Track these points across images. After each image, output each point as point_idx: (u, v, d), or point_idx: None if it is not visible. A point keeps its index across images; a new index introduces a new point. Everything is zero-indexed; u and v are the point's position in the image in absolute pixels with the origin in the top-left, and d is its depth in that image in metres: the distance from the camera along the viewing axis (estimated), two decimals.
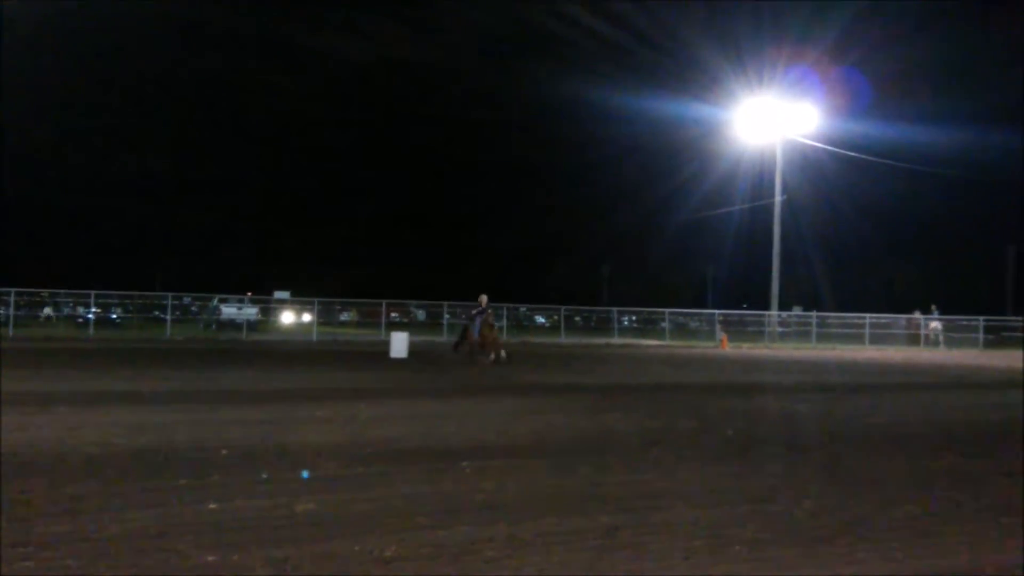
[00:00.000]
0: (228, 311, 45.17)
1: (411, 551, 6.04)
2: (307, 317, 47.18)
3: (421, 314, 52.82)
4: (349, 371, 22.74)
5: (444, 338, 42.06)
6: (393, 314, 48.34)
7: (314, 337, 40.63)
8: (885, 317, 48.43)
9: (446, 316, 45.40)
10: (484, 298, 26.02)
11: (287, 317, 50.69)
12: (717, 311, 49.71)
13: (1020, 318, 49.21)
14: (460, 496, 7.80)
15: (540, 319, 54.38)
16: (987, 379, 24.66)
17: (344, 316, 51.67)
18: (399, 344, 28.26)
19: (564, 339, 42.85)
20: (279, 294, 55.35)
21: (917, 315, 48.95)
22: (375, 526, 6.66)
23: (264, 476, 8.37)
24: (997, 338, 46.79)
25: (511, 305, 46.85)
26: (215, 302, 45.58)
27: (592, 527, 6.84)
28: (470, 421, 13.01)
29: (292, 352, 30.89)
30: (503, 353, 25.41)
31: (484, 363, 24.78)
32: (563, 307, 47.02)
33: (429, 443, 10.77)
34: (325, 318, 46.30)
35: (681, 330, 50.46)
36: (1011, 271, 76.87)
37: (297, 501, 7.38)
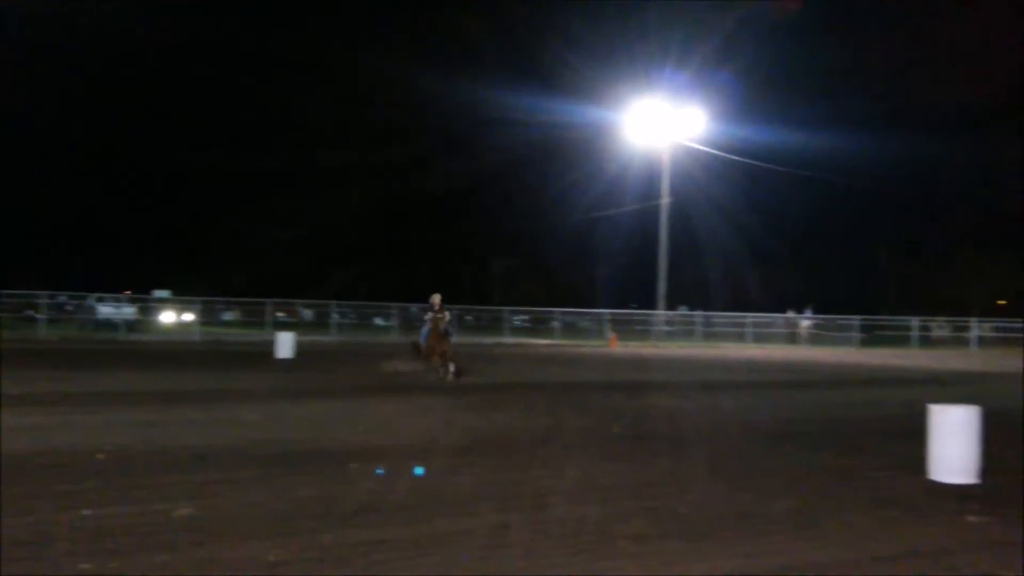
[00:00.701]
0: (105, 310, 43.45)
1: (296, 555, 5.90)
2: (188, 316, 45.75)
3: (308, 314, 51.84)
4: (233, 372, 22.17)
5: (331, 338, 41.47)
6: (279, 313, 47.41)
7: (196, 337, 39.50)
8: (766, 316, 49.98)
9: (334, 315, 44.75)
10: (437, 298, 20.50)
11: (167, 316, 49.03)
12: (606, 311, 50.40)
13: (895, 317, 51.56)
14: (348, 498, 7.68)
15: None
16: (862, 376, 25.68)
17: (227, 316, 50.36)
18: (285, 344, 27.72)
19: (455, 338, 42.74)
20: (159, 293, 53.61)
21: (791, 314, 50.78)
22: (258, 530, 6.49)
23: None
24: (872, 336, 48.86)
25: (401, 304, 46.50)
26: (91, 301, 43.77)
27: (482, 526, 6.82)
28: (358, 422, 12.86)
29: (173, 353, 29.94)
30: (452, 369, 19.63)
31: (435, 377, 19.76)
32: (455, 306, 46.98)
33: (315, 445, 10.59)
34: (207, 318, 45.01)
35: (571, 329, 50.87)
36: (885, 271, 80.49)
37: (176, 506, 7.14)
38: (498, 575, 5.67)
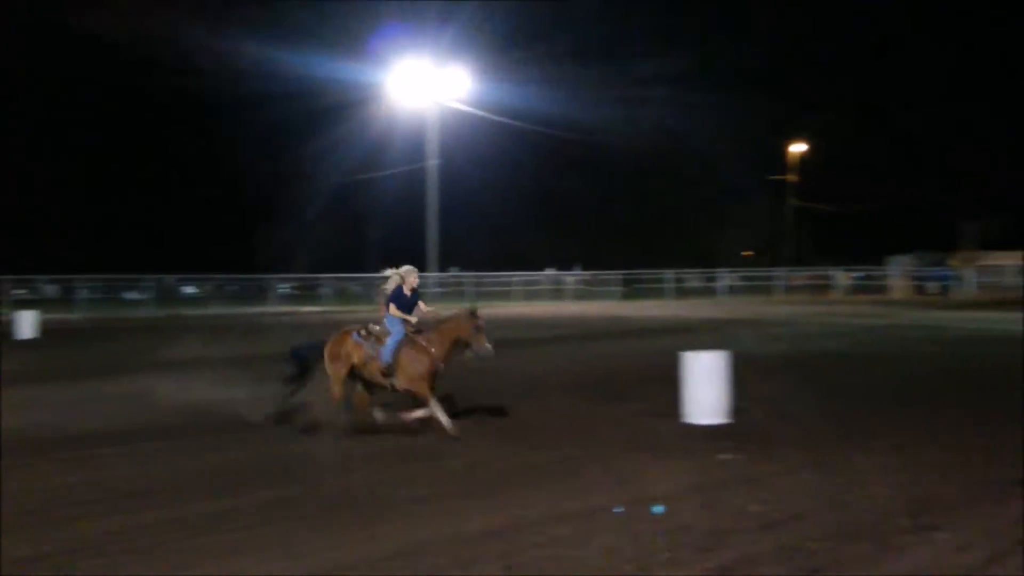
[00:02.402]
0: None
1: (51, 548, 5.52)
2: None
3: (52, 290, 47.92)
4: None
5: (77, 315, 38.62)
6: (17, 290, 43.63)
7: None
8: (533, 275, 51.52)
9: (82, 292, 41.59)
10: (414, 277, 10.22)
11: None
12: (377, 275, 49.97)
13: (651, 271, 54.50)
14: (103, 484, 7.25)
15: (189, 289, 51.30)
16: (622, 328, 26.93)
17: None
18: (26, 323, 25.62)
19: (217, 310, 41.06)
20: None
21: (552, 271, 52.73)
22: (9, 524, 6.02)
23: None
24: (631, 290, 51.48)
25: (155, 276, 44.04)
26: None
27: (250, 504, 6.66)
28: (111, 404, 12.08)
29: None
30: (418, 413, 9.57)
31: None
32: (216, 275, 44.98)
33: (66, 430, 9.91)
34: None
35: (342, 295, 50.13)
36: (642, 226, 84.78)
37: None
38: (277, 549, 5.54)
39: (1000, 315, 28.96)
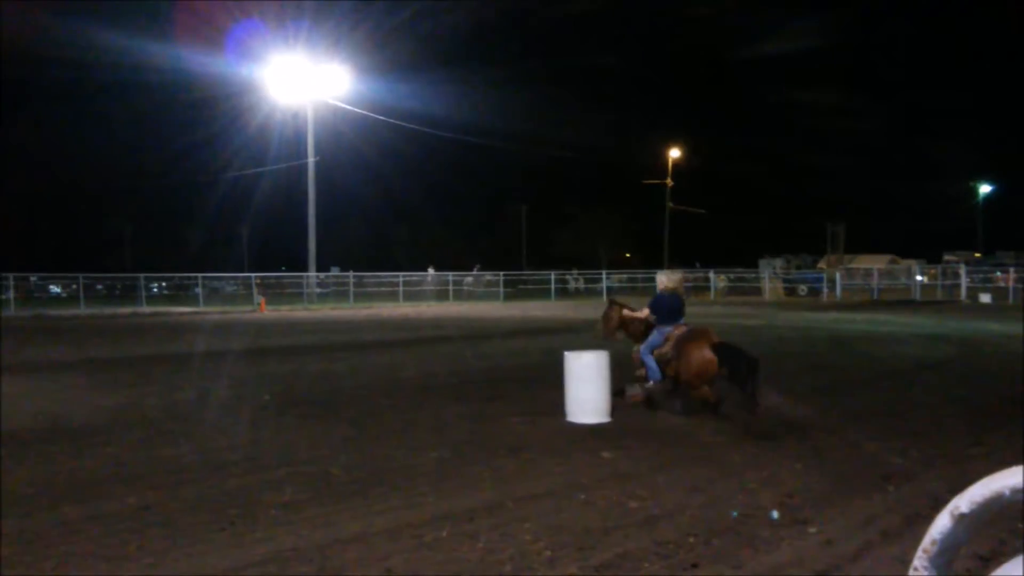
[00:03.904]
0: None
1: None
2: None
3: None
4: None
5: None
6: None
7: None
8: (416, 275, 51.26)
9: None
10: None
11: None
12: (254, 274, 48.88)
13: (535, 272, 55.02)
14: None
15: (55, 288, 49.01)
16: (505, 329, 26.99)
17: None
18: None
19: (85, 310, 39.34)
20: None
21: (431, 271, 52.68)
22: None
23: None
24: (515, 291, 51.77)
25: (19, 274, 41.93)
26: None
27: (119, 510, 6.34)
28: None
29: None
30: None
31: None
32: (82, 274, 43.10)
33: None
34: None
35: (217, 295, 48.71)
36: (525, 228, 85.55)
37: None
38: (138, 557, 5.25)
39: (866, 316, 30.31)
